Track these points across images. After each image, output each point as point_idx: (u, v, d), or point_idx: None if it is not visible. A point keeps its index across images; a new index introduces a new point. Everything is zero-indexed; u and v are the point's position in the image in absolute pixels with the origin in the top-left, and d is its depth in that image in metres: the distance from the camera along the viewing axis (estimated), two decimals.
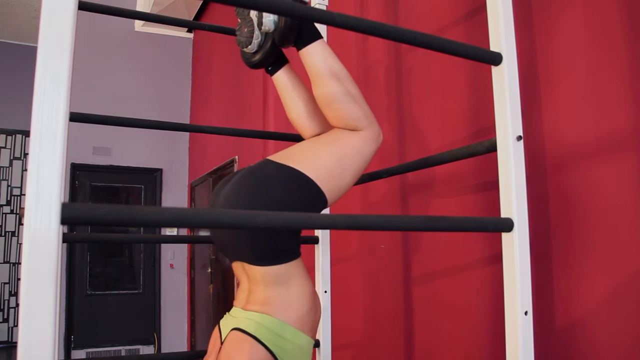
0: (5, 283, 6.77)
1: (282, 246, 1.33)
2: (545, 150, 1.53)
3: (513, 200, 1.16)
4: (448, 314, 1.94)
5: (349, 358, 2.58)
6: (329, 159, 1.36)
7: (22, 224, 0.61)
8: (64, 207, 0.67)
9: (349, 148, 1.38)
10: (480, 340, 1.78)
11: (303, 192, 1.33)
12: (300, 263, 1.36)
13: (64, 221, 0.67)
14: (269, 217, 0.75)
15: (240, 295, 1.44)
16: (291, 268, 1.34)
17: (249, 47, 1.50)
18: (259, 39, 1.49)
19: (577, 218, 1.43)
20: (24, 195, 0.62)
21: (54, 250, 0.65)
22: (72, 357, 5.52)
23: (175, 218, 0.69)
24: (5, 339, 6.71)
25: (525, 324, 1.14)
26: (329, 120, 1.44)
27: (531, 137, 1.52)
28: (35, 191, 0.65)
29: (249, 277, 1.38)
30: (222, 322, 1.45)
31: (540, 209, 1.52)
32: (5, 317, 6.76)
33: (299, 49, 1.42)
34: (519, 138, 1.18)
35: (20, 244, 6.63)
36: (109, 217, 0.69)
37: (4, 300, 6.77)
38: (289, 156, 1.38)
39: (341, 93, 1.37)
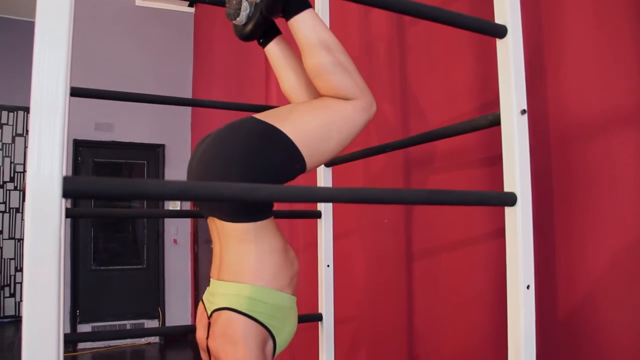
0: (11, 259, 6.83)
1: (253, 205, 1.34)
2: (549, 124, 1.52)
3: (516, 174, 1.15)
4: (450, 288, 1.95)
5: (352, 331, 2.60)
6: (313, 122, 1.35)
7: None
8: (66, 180, 0.66)
9: (337, 115, 1.37)
10: (481, 314, 1.79)
11: (278, 150, 1.32)
12: (271, 223, 1.37)
13: (65, 194, 0.67)
14: (270, 190, 0.75)
15: (214, 264, 1.46)
16: (261, 227, 1.34)
17: (238, 19, 1.49)
18: (247, 11, 1.47)
19: (580, 193, 1.42)
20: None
21: (56, 224, 0.65)
22: (78, 332, 5.59)
23: (177, 191, 0.69)
24: (13, 313, 6.80)
25: (527, 297, 1.14)
26: (320, 91, 1.42)
27: (535, 111, 1.51)
28: (36, 164, 0.64)
29: (220, 234, 1.40)
30: (204, 297, 1.46)
31: (544, 184, 1.51)
32: (12, 292, 6.83)
33: (287, 19, 1.40)
34: (523, 112, 1.17)
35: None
36: (110, 190, 0.69)
37: (10, 276, 6.84)
38: (273, 115, 1.38)
39: (331, 63, 1.35)
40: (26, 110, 6.84)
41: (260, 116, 1.38)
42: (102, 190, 0.69)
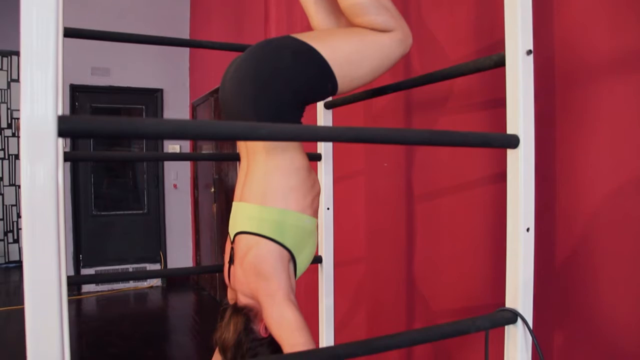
0: (12, 205, 6.87)
1: (284, 117, 1.36)
2: (554, 66, 1.49)
3: (520, 116, 1.14)
4: (450, 231, 1.96)
5: (351, 274, 2.64)
6: (349, 46, 1.37)
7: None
8: (61, 119, 0.65)
9: (373, 43, 1.38)
10: (480, 256, 1.81)
11: (311, 67, 1.35)
12: (297, 142, 1.41)
13: (61, 133, 0.65)
14: (271, 129, 0.73)
15: (238, 184, 1.50)
16: (288, 144, 1.39)
17: None
18: None
19: (583, 136, 1.41)
20: None
21: (52, 164, 0.63)
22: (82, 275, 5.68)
23: (174, 129, 0.67)
24: (17, 258, 6.90)
25: (527, 240, 1.15)
26: (357, 25, 1.43)
27: (541, 52, 1.48)
28: (29, 103, 0.63)
29: (248, 150, 1.44)
30: (229, 227, 1.51)
31: (547, 126, 1.49)
32: (15, 237, 6.91)
33: None
34: (529, 52, 1.14)
35: None
36: (106, 129, 0.67)
37: (12, 222, 6.90)
38: (310, 36, 1.40)
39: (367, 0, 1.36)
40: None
41: (296, 35, 1.39)
42: (98, 129, 0.67)
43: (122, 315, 4.82)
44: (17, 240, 6.92)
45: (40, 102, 0.63)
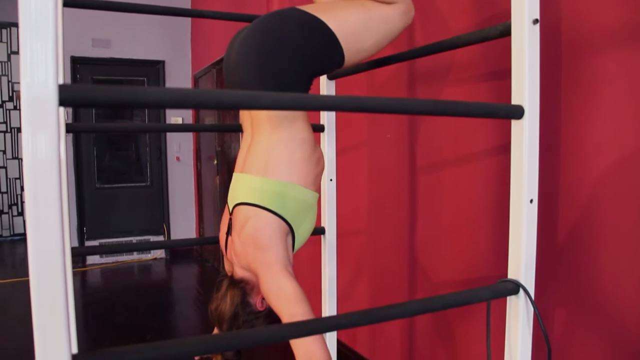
0: (16, 178, 6.88)
1: (290, 89, 1.37)
2: (561, 35, 1.47)
3: (525, 86, 1.12)
4: (452, 203, 1.95)
5: (354, 245, 2.65)
6: (355, 18, 1.38)
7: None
8: (62, 88, 0.64)
9: (378, 15, 1.39)
10: (483, 229, 1.81)
11: (318, 39, 1.35)
12: (303, 114, 1.42)
13: (62, 102, 0.64)
14: (273, 97, 0.73)
15: (240, 156, 1.51)
16: (295, 114, 1.39)
17: None
18: None
19: (588, 108, 1.39)
20: None
21: (54, 133, 0.63)
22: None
23: (176, 98, 0.67)
24: (22, 231, 6.95)
25: (530, 212, 1.14)
26: None
27: (547, 22, 1.45)
28: (29, 72, 0.62)
29: (253, 122, 1.44)
30: (229, 198, 1.51)
31: (552, 97, 1.48)
32: (20, 211, 6.94)
33: None
34: (535, 21, 1.12)
35: None
36: (108, 97, 0.66)
37: (16, 195, 6.92)
38: (316, 8, 1.40)
39: None
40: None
41: (302, 7, 1.39)
42: (99, 98, 0.66)
43: (126, 287, 4.86)
44: (21, 214, 6.95)
45: (40, 71, 0.62)
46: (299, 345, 1.23)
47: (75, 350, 1.06)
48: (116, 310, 4.06)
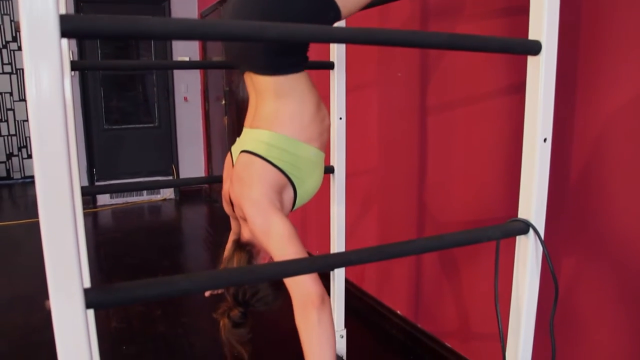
0: (24, 120, 6.87)
1: (288, 58, 1.35)
2: None
3: (544, 21, 1.08)
4: (464, 141, 1.93)
5: (363, 184, 2.65)
6: None
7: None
8: (63, 18, 0.62)
9: None
10: (494, 169, 1.79)
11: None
12: (304, 77, 1.39)
13: (64, 34, 0.62)
14: (280, 29, 0.70)
15: (248, 115, 1.49)
16: (295, 79, 1.37)
17: None
18: None
19: (607, 47, 1.35)
20: None
21: (56, 67, 0.61)
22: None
23: (181, 29, 0.64)
24: (32, 173, 6.97)
25: (544, 151, 1.12)
26: None
27: None
28: (29, 4, 0.59)
29: (256, 90, 1.42)
30: (233, 147, 1.50)
31: (571, 35, 1.43)
32: (30, 153, 6.97)
33: None
34: None
35: None
36: (111, 28, 0.64)
37: (25, 137, 6.93)
38: None
39: None
40: None
41: None
42: (102, 28, 0.64)
43: (137, 228, 4.93)
44: (31, 156, 6.97)
45: (41, 2, 0.60)
46: (292, 280, 1.24)
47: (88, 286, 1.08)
48: (128, 250, 4.13)
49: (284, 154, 1.36)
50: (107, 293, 0.69)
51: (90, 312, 1.57)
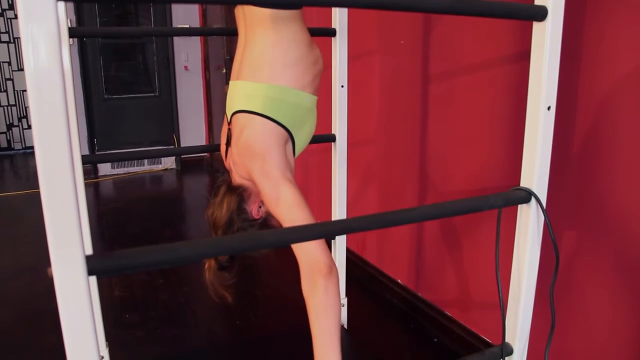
0: (23, 90, 6.82)
1: None
2: None
3: None
4: (465, 111, 1.92)
5: (365, 154, 2.64)
6: None
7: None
8: None
9: None
10: (496, 138, 1.78)
11: None
12: (299, 15, 1.36)
13: None
14: None
15: (235, 65, 1.46)
16: (289, 15, 1.33)
17: None
18: None
19: (615, 10, 1.32)
20: None
21: (53, 31, 0.59)
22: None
23: None
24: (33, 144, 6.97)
25: (547, 119, 1.11)
26: None
27: None
28: None
29: (247, 25, 1.39)
30: (226, 107, 1.49)
31: (577, 1, 1.41)
32: (30, 123, 6.94)
33: None
34: None
35: None
36: None
37: (25, 108, 6.90)
38: None
39: None
40: None
41: None
42: None
43: (139, 197, 4.94)
44: (31, 126, 6.96)
45: None
46: (301, 248, 1.24)
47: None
48: (129, 220, 4.15)
49: (276, 104, 1.34)
50: (108, 260, 0.69)
51: (93, 280, 1.59)
